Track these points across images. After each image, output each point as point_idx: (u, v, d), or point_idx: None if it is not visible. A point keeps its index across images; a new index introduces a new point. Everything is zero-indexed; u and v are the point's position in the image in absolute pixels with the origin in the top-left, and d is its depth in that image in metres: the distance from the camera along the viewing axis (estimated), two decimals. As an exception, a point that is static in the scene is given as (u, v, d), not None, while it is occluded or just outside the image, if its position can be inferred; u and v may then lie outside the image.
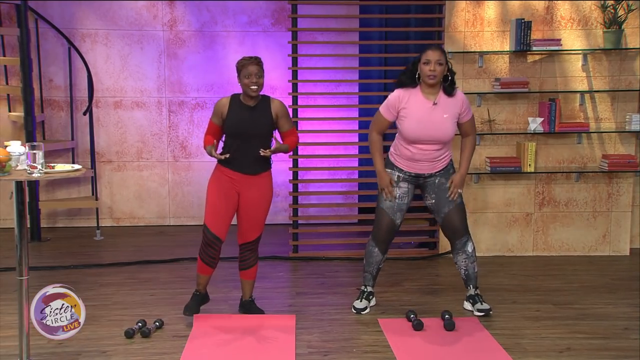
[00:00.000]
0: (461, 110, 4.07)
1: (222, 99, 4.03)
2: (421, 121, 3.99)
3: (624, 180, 5.55)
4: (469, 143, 4.22)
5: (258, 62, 3.89)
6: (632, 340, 3.84)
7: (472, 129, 4.21)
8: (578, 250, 5.62)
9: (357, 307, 4.25)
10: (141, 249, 5.75)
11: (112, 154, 6.52)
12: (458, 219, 4.17)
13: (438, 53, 3.94)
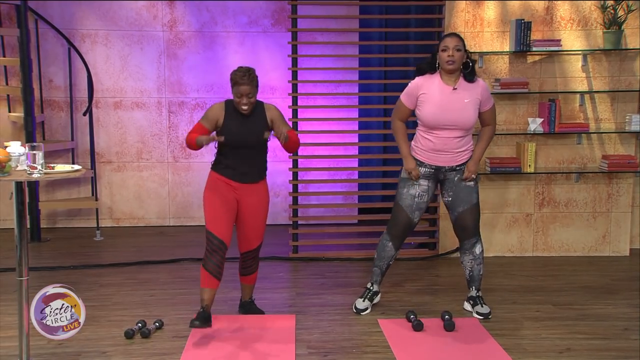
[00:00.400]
0: (482, 97, 4.03)
1: (216, 105, 3.90)
2: (441, 105, 3.95)
3: (624, 180, 5.55)
4: (488, 131, 4.18)
5: (251, 80, 3.74)
6: (632, 340, 3.84)
7: (493, 118, 4.16)
8: (578, 251, 5.62)
9: (358, 307, 4.25)
10: (141, 250, 5.75)
11: (112, 154, 6.52)
12: (471, 219, 4.14)
13: (456, 39, 3.94)
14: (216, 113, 3.83)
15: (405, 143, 4.14)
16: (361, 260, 5.49)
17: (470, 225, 4.14)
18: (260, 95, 6.54)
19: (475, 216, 4.15)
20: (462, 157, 4.09)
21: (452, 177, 4.12)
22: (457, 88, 3.98)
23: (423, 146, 4.09)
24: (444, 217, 5.57)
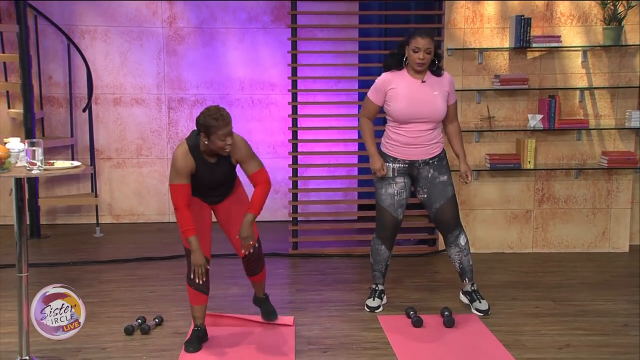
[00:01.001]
0: (449, 89, 4.04)
1: (180, 155, 3.47)
2: (411, 99, 3.95)
3: (624, 177, 5.55)
4: (456, 129, 4.19)
5: (229, 119, 3.42)
6: (632, 336, 3.84)
7: (456, 113, 4.17)
8: (577, 247, 5.62)
9: (371, 305, 4.21)
10: (141, 246, 5.75)
11: (111, 150, 6.52)
12: (450, 212, 4.12)
13: (427, 40, 3.88)
14: (187, 165, 3.47)
15: (372, 141, 4.12)
16: (361, 256, 5.49)
17: (450, 218, 4.13)
18: (260, 92, 6.63)
19: (454, 209, 4.14)
20: (434, 149, 4.08)
21: (425, 173, 4.10)
22: (425, 81, 3.98)
23: (395, 141, 4.06)
24: (444, 214, 5.57)
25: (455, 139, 4.19)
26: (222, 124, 3.36)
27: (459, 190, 5.56)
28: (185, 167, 3.46)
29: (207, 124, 3.37)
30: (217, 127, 3.36)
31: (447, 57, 5.42)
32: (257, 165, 3.59)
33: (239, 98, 6.51)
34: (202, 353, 3.58)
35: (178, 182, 3.45)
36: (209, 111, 3.40)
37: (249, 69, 6.47)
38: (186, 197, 3.46)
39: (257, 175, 3.58)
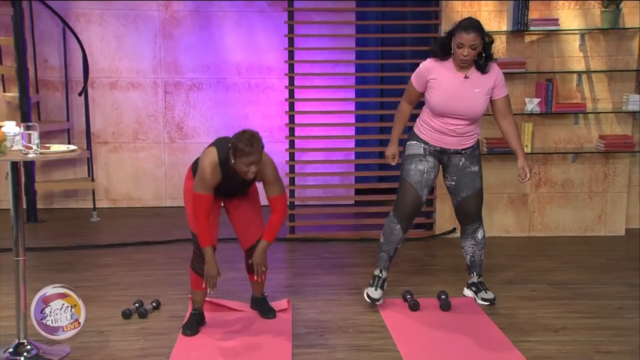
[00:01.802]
0: (495, 84, 3.82)
1: (210, 168, 3.41)
2: (450, 94, 3.78)
3: (620, 160, 5.55)
4: (511, 126, 3.92)
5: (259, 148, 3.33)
6: (628, 319, 3.86)
7: (508, 108, 3.92)
8: (574, 231, 5.63)
9: (373, 296, 3.99)
10: (138, 230, 5.75)
11: (108, 135, 6.50)
12: (474, 204, 4.00)
13: (473, 36, 3.64)
14: (215, 178, 3.43)
15: (399, 127, 4.05)
16: (358, 240, 5.50)
17: (473, 210, 4.02)
18: (257, 76, 6.60)
19: (479, 202, 4.02)
20: (468, 141, 3.92)
21: (456, 161, 3.95)
22: (468, 77, 3.79)
23: (428, 126, 3.92)
24: (441, 198, 5.58)
25: (510, 134, 3.93)
26: (250, 151, 3.28)
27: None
28: (212, 180, 3.41)
29: (236, 146, 3.30)
30: (244, 152, 3.29)
31: (444, 40, 5.39)
32: (279, 191, 3.55)
33: (236, 82, 6.48)
34: (199, 336, 3.59)
35: (202, 191, 3.40)
36: (243, 134, 3.32)
37: (245, 53, 6.44)
38: (208, 208, 3.42)
39: (277, 200, 3.54)
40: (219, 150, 3.43)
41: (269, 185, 3.53)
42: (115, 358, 3.35)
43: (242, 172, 3.34)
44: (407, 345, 3.50)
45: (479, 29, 3.68)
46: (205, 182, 3.40)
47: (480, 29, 3.69)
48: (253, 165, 3.32)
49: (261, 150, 3.34)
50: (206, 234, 3.42)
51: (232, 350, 3.44)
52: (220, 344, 3.51)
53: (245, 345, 3.49)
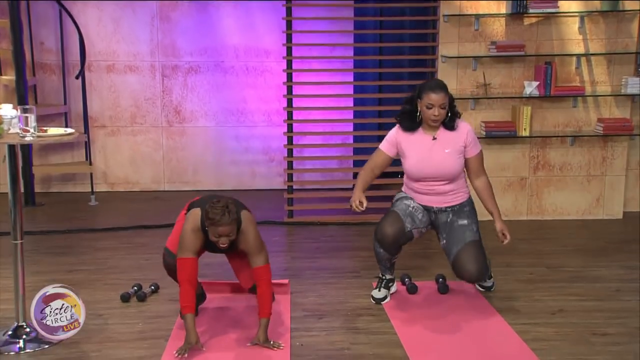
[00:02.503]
0: (466, 142, 3.67)
1: (190, 231, 3.23)
2: (422, 159, 3.66)
3: (619, 143, 5.55)
4: (484, 186, 3.76)
5: (231, 220, 3.11)
6: (625, 301, 3.88)
7: (482, 166, 3.76)
8: (572, 214, 5.64)
9: (376, 297, 3.88)
10: (136, 214, 5.75)
11: (105, 118, 6.47)
12: (467, 260, 3.63)
13: (442, 96, 3.55)
14: (196, 243, 3.24)
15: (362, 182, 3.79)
16: (356, 224, 5.51)
17: (469, 269, 3.63)
18: (255, 59, 6.57)
19: (474, 256, 3.64)
20: (453, 198, 3.75)
21: (444, 218, 3.75)
22: (436, 138, 3.67)
23: (410, 189, 3.81)
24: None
25: (484, 194, 3.76)
26: (220, 222, 3.07)
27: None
28: (193, 245, 3.22)
29: (207, 214, 3.11)
30: (213, 222, 3.09)
31: (443, 23, 5.37)
32: (263, 261, 3.28)
33: (234, 65, 6.45)
34: (198, 319, 3.59)
35: (184, 255, 3.21)
36: (217, 203, 3.11)
37: (243, 36, 6.41)
38: (191, 273, 3.19)
39: (261, 271, 3.27)
40: (202, 213, 3.21)
41: (252, 256, 3.27)
42: (114, 341, 3.36)
43: (214, 242, 3.18)
44: (405, 328, 3.51)
45: (445, 87, 3.62)
46: (186, 246, 3.21)
47: (446, 88, 3.62)
48: (224, 237, 3.12)
49: (234, 223, 3.12)
50: (188, 300, 3.16)
51: (230, 332, 3.45)
52: (218, 325, 3.52)
53: (244, 327, 3.50)
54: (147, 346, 3.30)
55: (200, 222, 3.22)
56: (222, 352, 3.23)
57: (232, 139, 6.56)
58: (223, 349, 3.25)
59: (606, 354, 3.24)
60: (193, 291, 3.20)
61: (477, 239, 3.71)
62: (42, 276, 4.23)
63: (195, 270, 3.23)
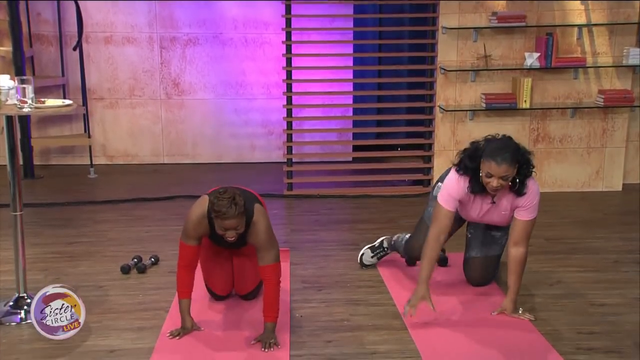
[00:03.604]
0: (523, 204, 3.23)
1: (195, 219, 3.09)
2: (477, 217, 3.40)
3: (619, 115, 5.53)
4: (519, 258, 3.28)
5: (238, 212, 2.93)
6: (622, 272, 3.90)
7: (525, 236, 3.27)
8: (571, 187, 5.64)
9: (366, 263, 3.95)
10: (135, 187, 5.74)
11: (103, 90, 6.44)
12: (482, 270, 3.61)
13: (504, 168, 3.04)
14: (199, 231, 3.11)
15: (428, 266, 3.26)
16: (355, 197, 5.51)
17: (476, 276, 3.63)
18: (254, 31, 6.51)
19: (488, 269, 3.62)
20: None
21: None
22: (496, 202, 3.28)
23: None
24: (439, 155, 5.57)
25: (514, 268, 3.28)
26: (226, 215, 2.90)
27: (455, 138, 5.56)
28: (195, 232, 3.10)
29: (213, 206, 2.94)
30: (219, 215, 2.92)
31: (444, -7, 5.32)
32: (274, 259, 3.07)
33: (232, 37, 6.40)
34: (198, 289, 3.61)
35: (185, 241, 3.11)
36: (224, 194, 2.94)
37: (242, 7, 6.34)
38: (190, 259, 3.11)
39: (270, 269, 3.06)
40: (210, 201, 3.05)
41: (261, 252, 3.08)
42: (115, 312, 3.38)
43: (221, 235, 3.02)
44: (404, 299, 3.53)
45: (513, 158, 3.06)
46: (188, 233, 3.10)
47: (515, 157, 3.07)
48: (230, 230, 2.95)
49: (241, 216, 2.94)
50: (184, 285, 3.10)
51: (230, 303, 3.47)
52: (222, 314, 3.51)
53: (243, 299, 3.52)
54: (148, 317, 3.32)
55: (207, 210, 3.05)
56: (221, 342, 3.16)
57: (231, 112, 6.53)
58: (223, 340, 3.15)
59: (604, 324, 3.26)
60: (191, 277, 3.11)
61: (500, 253, 3.61)
62: (43, 248, 4.25)
63: (196, 258, 3.13)
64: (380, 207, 5.24)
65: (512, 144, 3.14)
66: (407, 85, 6.13)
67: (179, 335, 3.09)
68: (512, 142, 3.15)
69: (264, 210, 3.17)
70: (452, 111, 5.46)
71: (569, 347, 3.03)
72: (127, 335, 3.14)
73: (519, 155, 3.11)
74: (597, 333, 3.17)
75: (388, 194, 5.56)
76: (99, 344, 3.05)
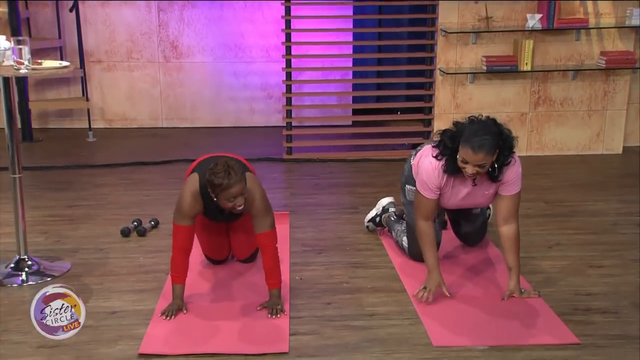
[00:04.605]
0: (506, 180, 3.10)
1: (188, 197, 3.01)
2: (459, 202, 3.24)
3: (621, 77, 5.49)
4: (512, 234, 3.13)
5: (241, 176, 2.87)
6: (621, 234, 3.92)
7: (513, 211, 3.13)
8: (571, 150, 5.63)
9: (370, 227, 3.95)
10: (134, 151, 5.73)
11: (101, 53, 6.37)
12: (473, 238, 3.68)
13: (481, 156, 2.88)
14: (194, 209, 3.03)
15: (432, 252, 3.15)
16: (355, 161, 5.50)
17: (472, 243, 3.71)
18: (251, -8, 6.42)
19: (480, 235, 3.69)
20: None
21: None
22: (477, 184, 3.14)
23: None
24: (439, 118, 5.54)
25: (509, 245, 3.14)
26: (230, 184, 2.83)
27: (455, 101, 5.52)
28: (191, 210, 3.01)
29: (212, 183, 2.86)
30: (222, 187, 2.84)
31: (445, -46, 5.23)
32: (269, 225, 3.03)
33: (231, -2, 6.32)
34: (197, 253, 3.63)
35: (179, 222, 3.01)
36: (216, 167, 2.86)
37: (240, -32, 6.25)
38: (185, 240, 3.02)
39: (266, 236, 3.02)
40: (200, 176, 3.02)
41: (257, 219, 3.02)
42: (115, 274, 3.40)
43: (229, 208, 2.93)
44: (402, 261, 3.55)
45: (492, 145, 2.90)
46: (183, 212, 3.00)
47: (494, 144, 2.90)
48: (239, 197, 2.87)
49: (243, 178, 2.88)
50: (178, 270, 3.02)
51: (229, 264, 3.49)
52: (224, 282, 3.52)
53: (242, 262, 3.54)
54: (148, 280, 3.34)
55: (200, 187, 3.01)
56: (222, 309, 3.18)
57: (230, 75, 6.48)
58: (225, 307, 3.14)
59: (602, 285, 3.28)
60: (186, 262, 3.04)
61: (486, 217, 3.64)
62: (42, 211, 4.26)
63: (191, 239, 3.05)
64: (380, 170, 5.24)
65: (493, 130, 2.93)
66: (408, 48, 6.07)
67: (172, 314, 2.99)
68: (493, 128, 2.95)
69: (256, 177, 3.15)
70: (453, 74, 5.42)
71: (566, 308, 3.05)
72: (128, 297, 3.16)
73: (499, 141, 2.93)
74: (594, 294, 3.19)
75: (388, 157, 5.55)
76: (101, 306, 3.07)
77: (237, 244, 3.47)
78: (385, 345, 2.74)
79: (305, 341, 2.77)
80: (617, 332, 2.84)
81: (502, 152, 2.96)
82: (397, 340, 2.78)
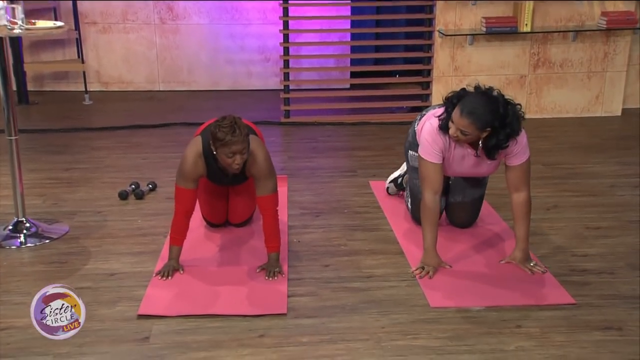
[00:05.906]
0: (512, 149, 2.99)
1: (191, 158, 3.00)
2: (461, 169, 3.15)
3: (622, 38, 5.44)
4: (523, 202, 3.05)
5: (244, 135, 2.86)
6: (618, 196, 3.93)
7: (524, 179, 3.04)
8: (570, 112, 5.61)
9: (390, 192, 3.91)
10: (131, 114, 5.70)
11: (96, 14, 6.29)
12: (464, 216, 3.47)
13: (464, 122, 2.82)
14: (196, 171, 3.03)
15: (432, 231, 3.04)
16: (353, 124, 5.48)
17: (463, 221, 3.49)
18: (248, -46, 6.31)
19: (470, 212, 3.48)
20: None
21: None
22: (479, 155, 3.03)
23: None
24: (437, 81, 5.51)
25: (519, 213, 3.06)
26: (231, 140, 2.82)
27: (454, 63, 5.47)
28: (193, 173, 3.01)
29: (215, 136, 2.85)
30: (224, 142, 2.84)
31: None
32: (272, 189, 3.03)
33: (227, -41, 6.22)
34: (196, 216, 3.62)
35: (182, 185, 3.01)
36: (223, 120, 2.86)
37: None
38: (187, 202, 3.01)
39: (269, 199, 3.02)
40: (204, 140, 3.01)
41: (260, 182, 3.02)
42: (114, 237, 3.41)
43: (227, 164, 2.93)
44: (399, 224, 3.56)
45: (479, 120, 2.81)
46: (185, 174, 3.00)
47: (482, 121, 2.82)
48: (237, 155, 2.88)
49: (246, 139, 2.88)
50: (178, 232, 3.03)
51: (229, 228, 3.50)
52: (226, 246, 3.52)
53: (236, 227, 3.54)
54: (147, 242, 3.35)
55: (203, 149, 3.00)
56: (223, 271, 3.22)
57: (227, 37, 6.41)
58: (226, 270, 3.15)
59: (599, 246, 3.30)
60: (186, 225, 3.04)
61: (484, 192, 3.47)
62: (40, 174, 4.25)
63: (194, 202, 3.05)
64: (378, 134, 5.22)
65: (495, 109, 2.84)
66: (406, 9, 6.00)
67: (169, 274, 3.00)
68: (496, 107, 2.85)
69: (260, 140, 3.14)
70: (452, 35, 5.36)
71: (563, 269, 3.07)
72: (127, 259, 3.17)
73: (494, 121, 2.83)
74: (591, 255, 3.21)
75: (386, 120, 5.53)
76: (100, 267, 3.08)
77: (233, 207, 3.47)
78: (382, 306, 2.76)
79: (304, 303, 2.79)
80: (613, 292, 2.87)
81: (496, 134, 2.86)
82: (394, 301, 2.80)
